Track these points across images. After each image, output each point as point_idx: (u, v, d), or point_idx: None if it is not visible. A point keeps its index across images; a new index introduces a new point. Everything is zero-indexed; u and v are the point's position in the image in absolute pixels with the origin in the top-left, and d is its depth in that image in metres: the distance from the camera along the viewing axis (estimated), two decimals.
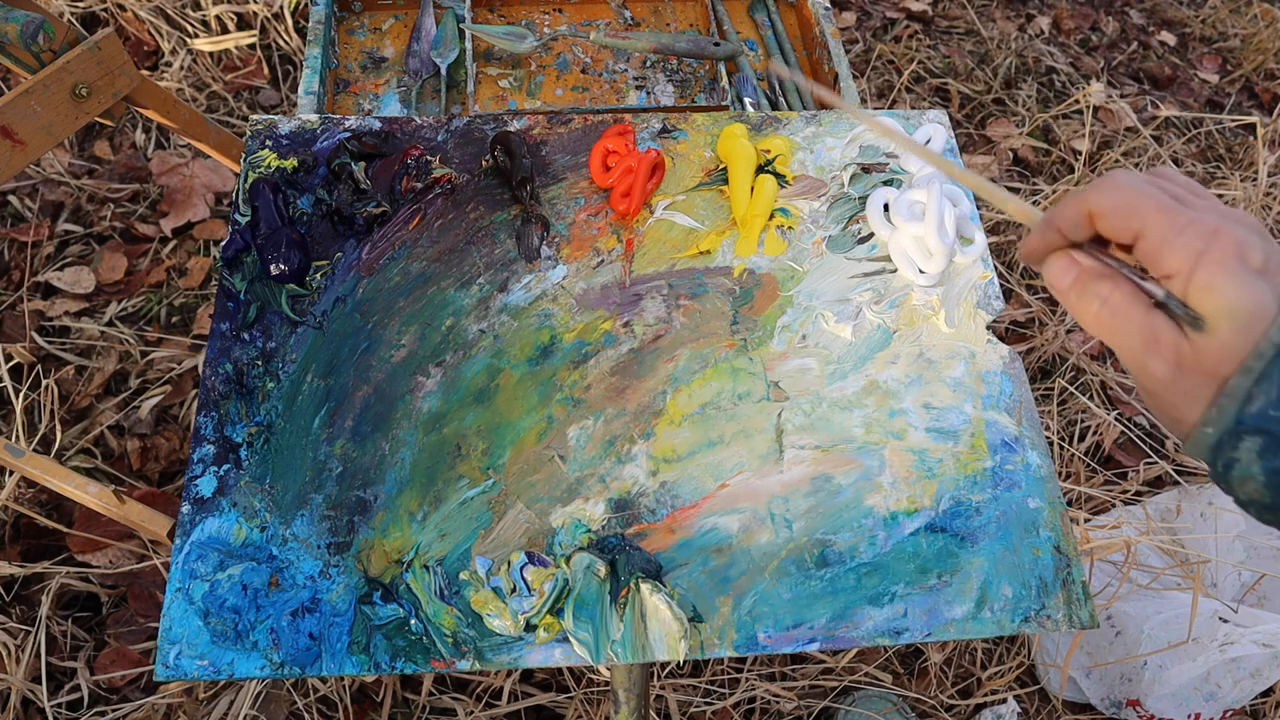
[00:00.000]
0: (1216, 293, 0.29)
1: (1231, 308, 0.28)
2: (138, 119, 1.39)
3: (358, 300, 0.63)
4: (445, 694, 0.95)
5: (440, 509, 0.56)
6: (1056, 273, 0.34)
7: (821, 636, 0.54)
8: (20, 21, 0.65)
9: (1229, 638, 0.92)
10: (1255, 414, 0.28)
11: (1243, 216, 0.31)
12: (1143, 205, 0.31)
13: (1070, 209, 0.33)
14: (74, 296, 1.20)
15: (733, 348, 0.63)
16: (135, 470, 1.07)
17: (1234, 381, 0.28)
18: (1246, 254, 0.29)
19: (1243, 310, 0.28)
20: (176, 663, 0.51)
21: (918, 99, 1.63)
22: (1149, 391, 0.32)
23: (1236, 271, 0.28)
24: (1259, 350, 0.28)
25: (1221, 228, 0.29)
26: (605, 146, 0.69)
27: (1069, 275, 0.34)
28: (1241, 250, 0.29)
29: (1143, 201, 0.31)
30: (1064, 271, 0.34)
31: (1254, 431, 0.28)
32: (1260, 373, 0.28)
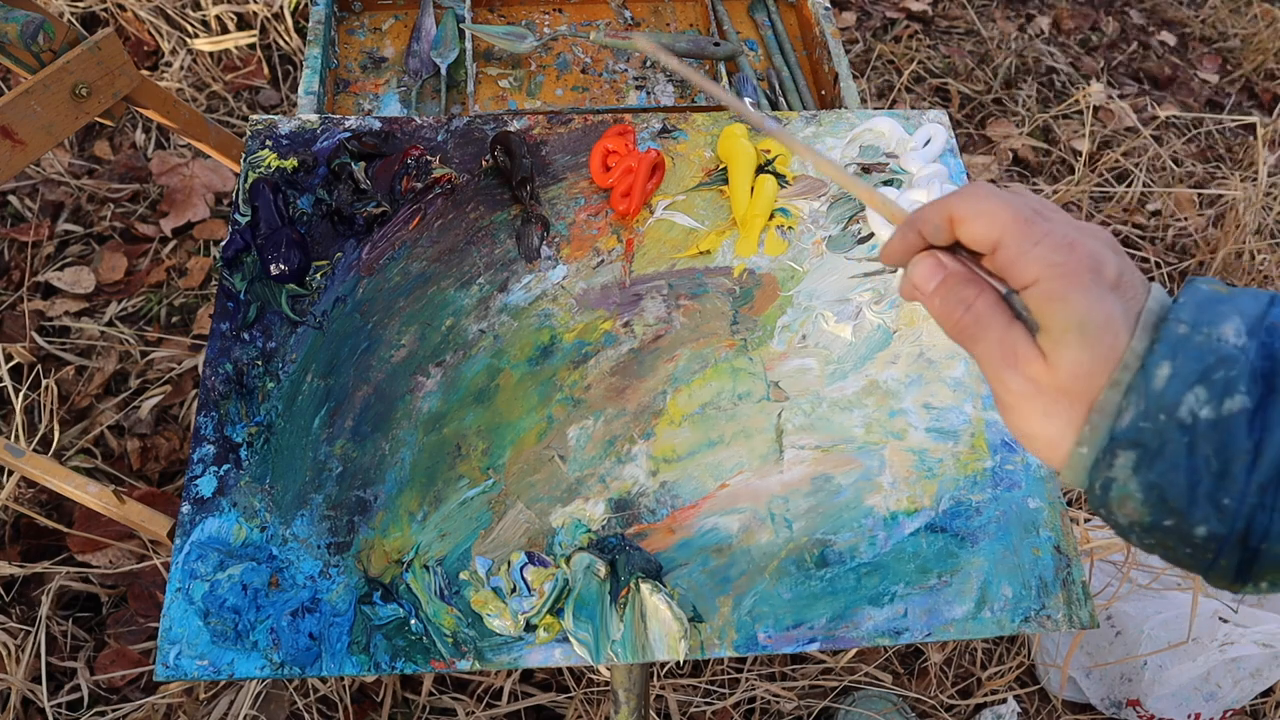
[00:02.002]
0: (1068, 305, 0.29)
1: (1082, 321, 0.28)
2: (138, 119, 1.39)
3: (358, 300, 0.63)
4: (445, 694, 0.95)
5: (440, 509, 0.56)
6: (923, 274, 0.34)
7: (821, 636, 0.54)
8: (20, 21, 0.65)
9: (1229, 638, 0.92)
10: (1127, 427, 0.28)
11: (1098, 231, 0.31)
12: (1002, 215, 0.31)
13: (933, 213, 0.33)
14: (74, 296, 1.20)
15: (733, 348, 0.63)
16: (135, 470, 1.07)
17: (1104, 396, 0.28)
18: (1101, 268, 0.29)
19: (1092, 324, 0.28)
20: (176, 663, 0.51)
21: (918, 99, 1.63)
22: (1005, 405, 0.31)
23: (1089, 285, 0.29)
24: (1124, 362, 0.28)
25: (1077, 241, 0.29)
26: (605, 146, 0.69)
27: (935, 278, 0.33)
28: (1096, 264, 0.29)
29: (1002, 211, 0.31)
30: (930, 274, 0.33)
31: (1128, 445, 0.28)
32: (1127, 385, 0.28)
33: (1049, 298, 0.29)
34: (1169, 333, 0.28)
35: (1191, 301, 0.28)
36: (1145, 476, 0.27)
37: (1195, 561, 0.28)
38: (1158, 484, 0.27)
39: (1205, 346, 0.27)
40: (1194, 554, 0.28)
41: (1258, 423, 0.26)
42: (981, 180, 0.33)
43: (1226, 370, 0.27)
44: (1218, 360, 0.27)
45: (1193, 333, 0.27)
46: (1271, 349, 0.27)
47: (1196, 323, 0.28)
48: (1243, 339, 0.27)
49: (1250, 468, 0.26)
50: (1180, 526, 0.27)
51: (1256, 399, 0.26)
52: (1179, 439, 0.27)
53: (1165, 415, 0.27)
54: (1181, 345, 0.27)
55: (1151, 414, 0.27)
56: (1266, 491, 0.26)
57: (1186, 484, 0.27)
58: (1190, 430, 0.27)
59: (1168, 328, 0.28)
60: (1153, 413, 0.27)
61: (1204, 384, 0.27)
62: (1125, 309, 0.29)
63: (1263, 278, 1.39)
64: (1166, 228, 1.48)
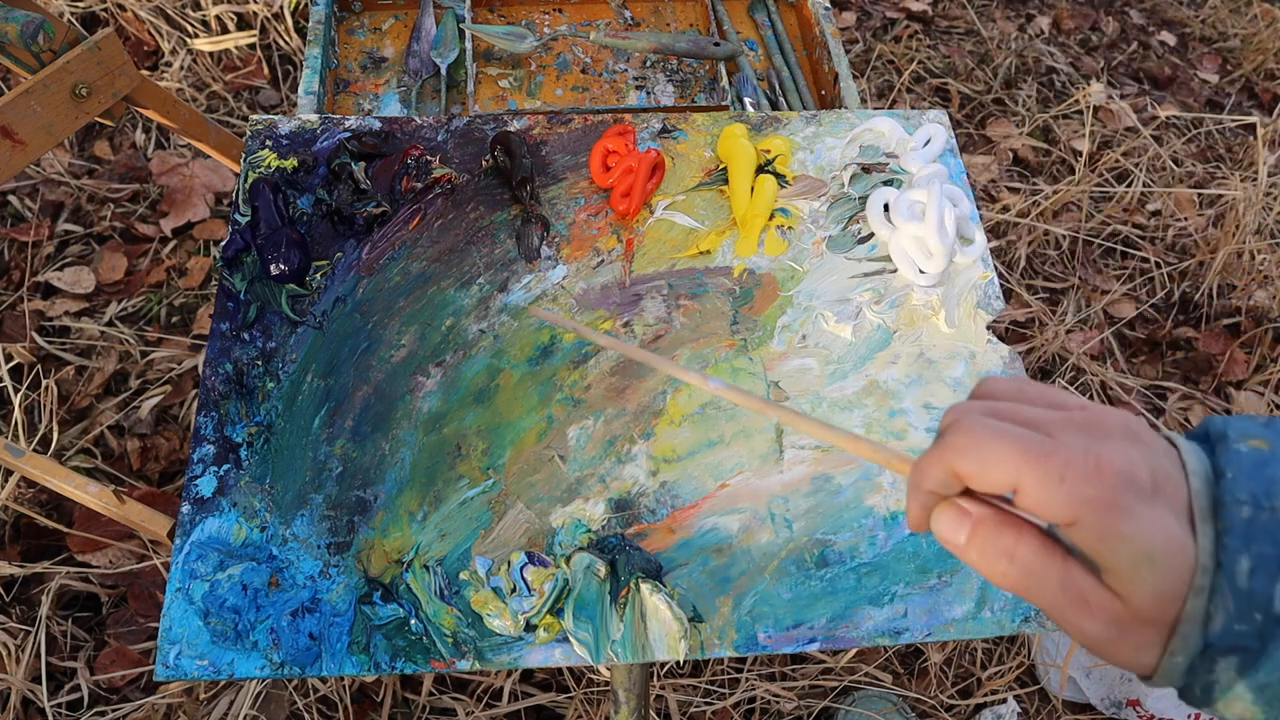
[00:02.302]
0: (1126, 542, 0.26)
1: (1148, 553, 0.26)
2: (138, 119, 1.39)
3: (358, 300, 0.63)
4: (445, 694, 0.95)
5: (440, 509, 0.56)
6: (948, 529, 0.30)
7: (821, 636, 0.54)
8: (20, 21, 0.65)
9: None
10: (1220, 632, 0.26)
11: (1112, 423, 0.28)
12: (1008, 457, 0.27)
13: (934, 468, 0.29)
14: (74, 296, 1.20)
15: (733, 348, 0.63)
16: (135, 470, 1.07)
17: (1190, 605, 0.26)
18: (1135, 481, 0.26)
19: (1159, 551, 0.26)
20: (176, 663, 0.51)
21: (918, 99, 1.63)
22: (1091, 648, 0.29)
23: (1133, 509, 0.26)
24: (1201, 565, 0.26)
25: (1102, 460, 0.26)
26: (605, 146, 0.69)
27: (962, 531, 0.29)
28: (1130, 481, 0.26)
29: (1007, 451, 0.27)
30: (956, 527, 0.30)
31: (1227, 651, 0.26)
32: (1210, 588, 0.26)
33: (1101, 538, 0.26)
34: (1234, 520, 0.26)
35: (1239, 472, 0.26)
36: (1254, 679, 0.26)
37: None
38: (1270, 684, 0.26)
39: (1275, 524, 0.25)
40: None
41: None
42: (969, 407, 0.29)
43: None
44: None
45: (1257, 513, 0.26)
46: None
47: (1256, 499, 0.26)
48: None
49: None
50: None
51: None
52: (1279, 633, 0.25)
53: (1260, 613, 0.25)
54: (1252, 531, 0.26)
55: (1245, 614, 0.25)
56: None
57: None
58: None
59: (1229, 514, 0.26)
60: (1246, 612, 0.25)
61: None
62: (1176, 512, 0.27)
63: (1263, 278, 1.39)
64: (1166, 228, 1.48)
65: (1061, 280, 1.40)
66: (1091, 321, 1.34)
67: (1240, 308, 1.38)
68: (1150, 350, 1.35)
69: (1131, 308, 1.37)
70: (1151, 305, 1.38)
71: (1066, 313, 1.34)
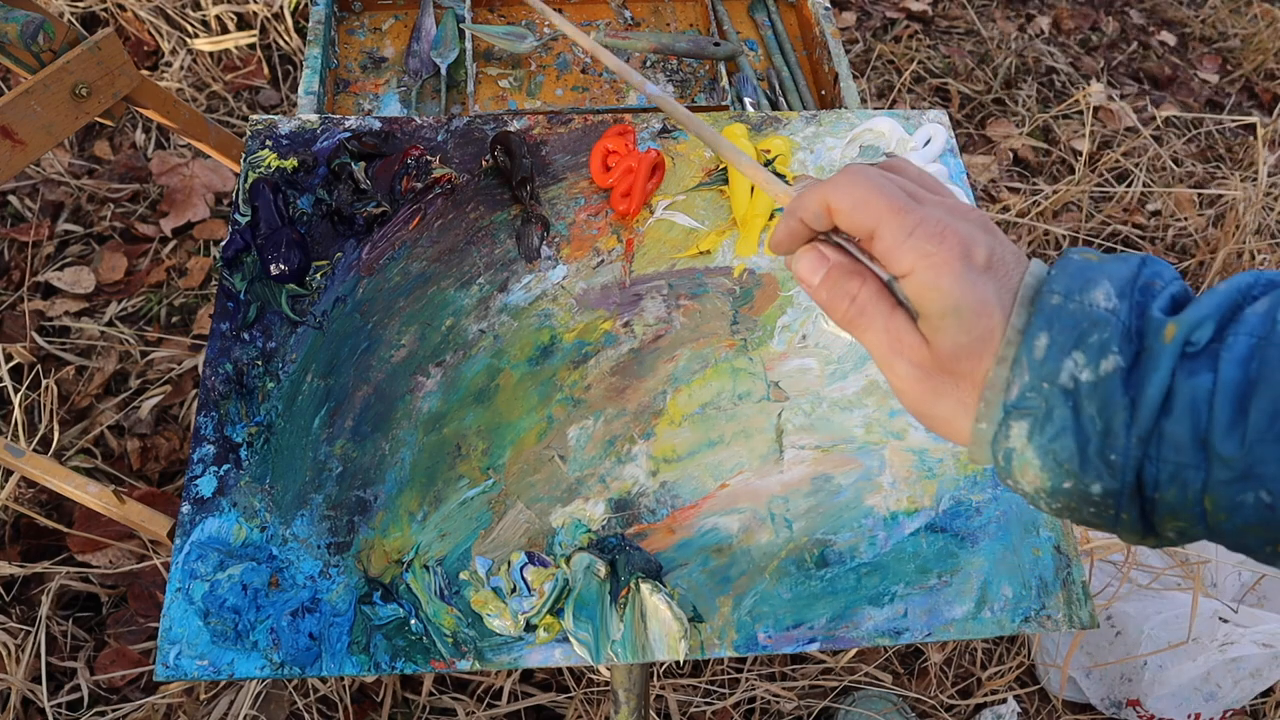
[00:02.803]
0: (941, 292, 0.30)
1: (957, 306, 0.30)
2: (138, 119, 1.39)
3: (358, 300, 0.63)
4: (445, 694, 0.95)
5: (440, 509, 0.56)
6: (806, 268, 0.35)
7: (821, 636, 0.54)
8: (20, 21, 0.65)
9: (1229, 638, 0.92)
10: (1016, 399, 0.29)
11: (970, 212, 0.32)
12: (877, 203, 0.31)
13: (811, 201, 0.33)
14: (74, 296, 1.20)
15: (733, 348, 0.63)
16: (135, 470, 1.07)
17: (993, 373, 0.30)
18: (971, 252, 0.30)
19: (966, 308, 0.29)
20: (176, 663, 0.51)
21: (918, 99, 1.63)
22: (899, 390, 0.33)
23: (960, 271, 0.30)
24: (1006, 339, 0.29)
25: (949, 228, 0.30)
26: (605, 146, 0.69)
27: (819, 271, 0.34)
28: (966, 249, 0.30)
29: (877, 199, 0.31)
30: (813, 268, 0.34)
31: (1019, 416, 0.29)
32: (1012, 359, 0.29)
33: (924, 286, 0.30)
34: (1044, 304, 0.29)
35: (1064, 272, 0.30)
36: (1039, 442, 0.29)
37: (1101, 519, 0.29)
38: (1051, 448, 0.28)
39: (1079, 313, 0.28)
40: (1098, 512, 0.29)
41: (1133, 380, 0.27)
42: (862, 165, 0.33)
43: (1100, 333, 0.28)
44: (1091, 324, 0.28)
45: (1066, 301, 0.29)
46: (1144, 307, 0.28)
47: (1069, 291, 0.29)
48: (1113, 301, 0.28)
49: (1129, 423, 0.27)
50: (1078, 487, 0.28)
51: (1130, 357, 0.28)
52: (1064, 403, 0.28)
53: (1048, 383, 0.28)
54: (1056, 315, 0.29)
55: (1036, 383, 0.29)
56: (1148, 443, 0.27)
57: (1076, 446, 0.28)
58: (1073, 394, 0.28)
59: (1042, 300, 0.29)
60: (1037, 382, 0.29)
61: (1080, 349, 0.28)
62: (999, 288, 0.30)
63: None
64: (1166, 228, 1.48)
65: None
66: None
67: None
68: None
69: None
70: None
71: None
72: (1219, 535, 0.27)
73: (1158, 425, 0.27)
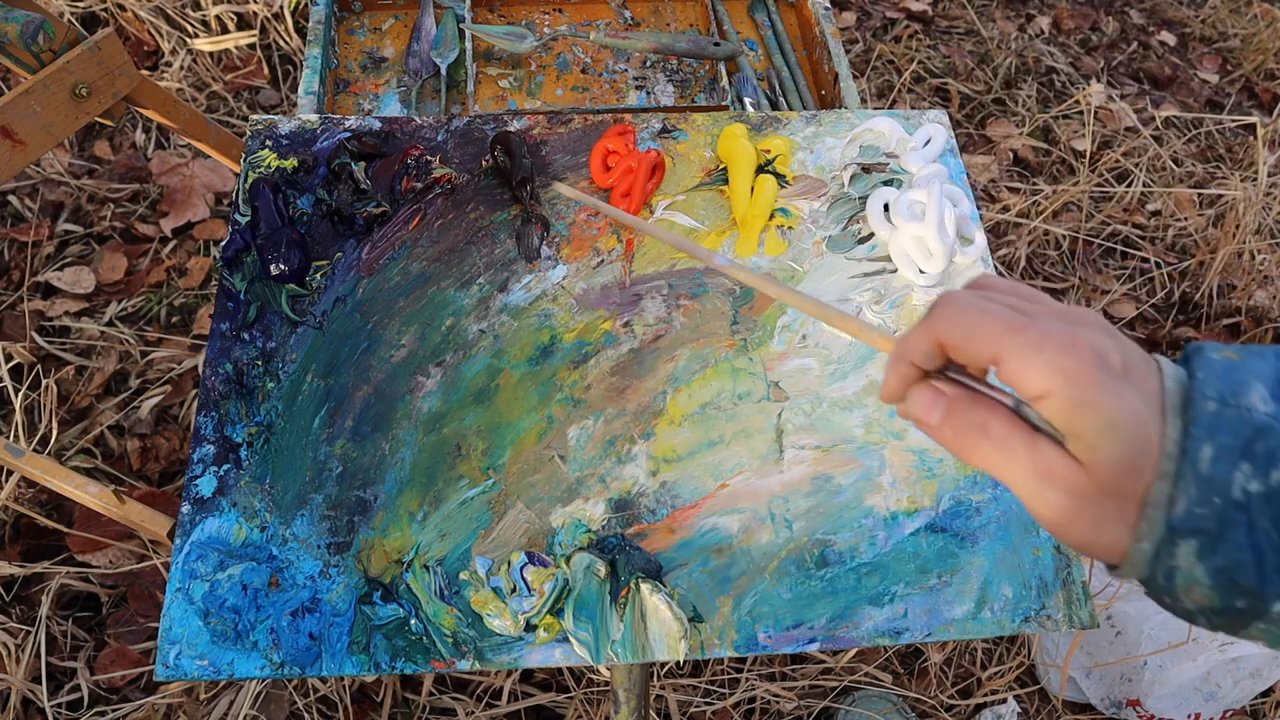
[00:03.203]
0: (1094, 410, 0.28)
1: (1114, 422, 0.28)
2: (138, 119, 1.39)
3: (358, 300, 0.63)
4: (445, 694, 0.95)
5: (440, 509, 0.56)
6: (923, 408, 0.32)
7: (821, 636, 0.54)
8: (20, 21, 0.65)
9: (1229, 638, 0.92)
10: (1183, 515, 0.27)
11: (1088, 317, 0.30)
12: (991, 328, 0.29)
13: (919, 340, 0.31)
14: (74, 296, 1.20)
15: (733, 348, 0.63)
16: (135, 470, 1.07)
17: (1154, 489, 0.28)
18: (1108, 360, 0.28)
19: (1123, 423, 0.28)
20: (176, 663, 0.51)
21: (918, 99, 1.63)
22: (1053, 523, 0.30)
23: (1105, 384, 0.28)
24: (1166, 452, 0.28)
25: (1078, 338, 0.28)
26: (605, 146, 0.69)
27: (937, 410, 0.32)
28: (1102, 359, 0.28)
29: (990, 324, 0.29)
30: (931, 406, 0.32)
31: (1188, 534, 0.27)
32: (1174, 473, 0.28)
33: (1071, 405, 0.28)
34: (1200, 413, 0.28)
35: (1211, 375, 0.28)
36: (1211, 562, 0.27)
37: (1271, 637, 0.28)
38: (1225, 567, 0.27)
39: (1238, 419, 0.27)
40: (1269, 629, 0.28)
41: None
42: (954, 291, 0.32)
43: (1265, 441, 0.27)
44: (1254, 432, 0.27)
45: (1222, 408, 0.27)
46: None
47: (1222, 397, 0.28)
48: (1270, 405, 0.27)
49: None
50: (1254, 606, 0.27)
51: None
52: (1237, 519, 0.27)
53: (1220, 498, 0.27)
54: (1216, 423, 0.27)
55: (1205, 498, 0.27)
56: None
57: (1254, 563, 0.27)
58: (1246, 508, 0.26)
59: (1197, 408, 0.28)
60: (1206, 497, 0.27)
61: (1248, 459, 0.27)
62: (1145, 398, 0.28)
63: (1263, 277, 1.39)
64: (1166, 228, 1.49)
65: (1061, 280, 1.40)
66: None
67: (1240, 308, 1.38)
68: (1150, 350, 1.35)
69: (1132, 308, 1.37)
70: (1151, 305, 1.38)
71: None
72: None
73: None
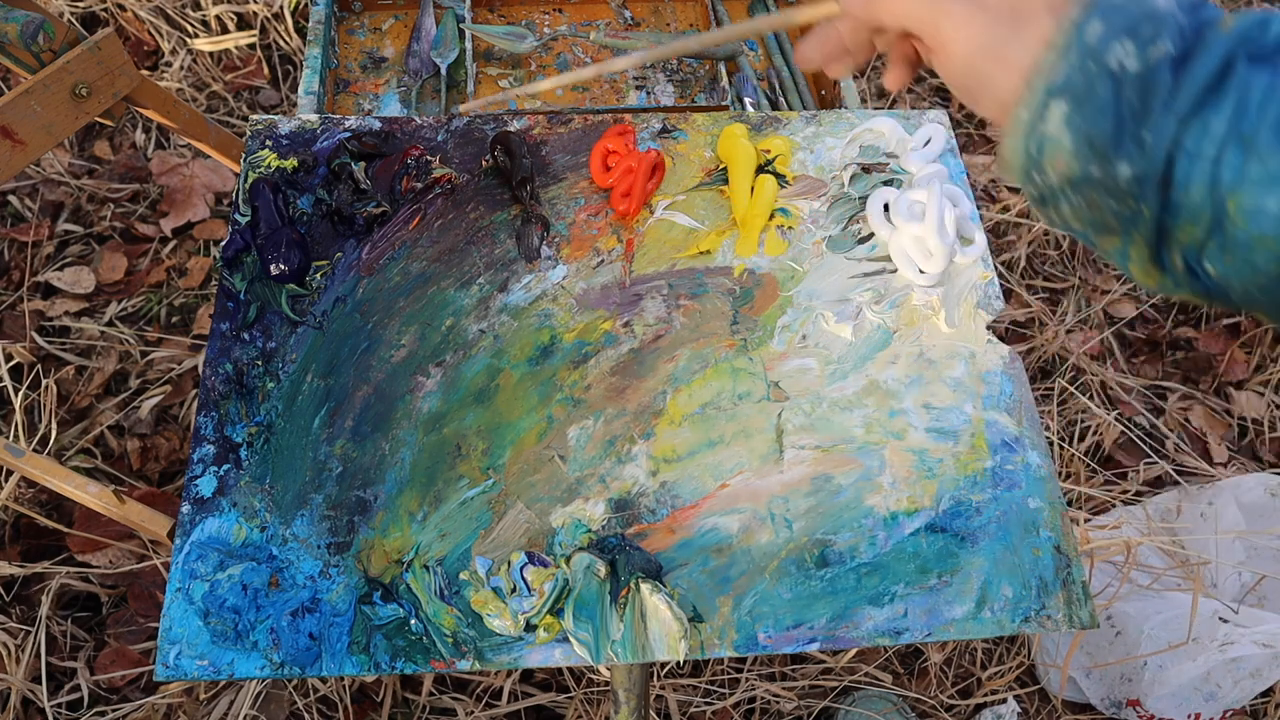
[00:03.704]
0: None
1: None
2: (138, 119, 1.39)
3: (358, 300, 0.63)
4: (445, 694, 0.95)
5: (440, 509, 0.56)
6: None
7: (821, 636, 0.54)
8: (20, 21, 0.65)
9: (1229, 638, 0.92)
10: (1061, 81, 0.29)
11: None
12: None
13: None
14: (74, 296, 1.20)
15: (733, 348, 0.63)
16: (135, 470, 1.07)
17: (1043, 60, 0.30)
18: None
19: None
20: (176, 663, 0.51)
21: (918, 99, 1.63)
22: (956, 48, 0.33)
23: None
24: (1060, 28, 0.30)
25: None
26: (605, 146, 0.69)
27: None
28: None
29: None
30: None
31: (1060, 94, 0.29)
32: (1063, 46, 0.30)
33: None
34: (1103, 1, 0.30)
35: None
36: (1075, 124, 0.29)
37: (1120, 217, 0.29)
38: (1086, 129, 0.29)
39: (1134, 8, 0.29)
40: (1119, 206, 0.29)
41: (1181, 69, 0.27)
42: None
43: (1154, 24, 0.28)
44: (1145, 15, 0.28)
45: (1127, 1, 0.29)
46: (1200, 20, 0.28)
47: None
48: (1173, 7, 0.29)
49: (1169, 102, 0.27)
50: (1107, 172, 0.29)
51: (1181, 50, 0.28)
52: (1107, 84, 0.28)
53: (1095, 64, 0.29)
54: (1114, 8, 0.29)
55: (1083, 65, 0.29)
56: (1186, 128, 0.27)
57: (1113, 129, 0.28)
58: (1118, 79, 0.28)
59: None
60: (1083, 62, 0.29)
61: (1132, 37, 0.28)
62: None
63: None
64: None
65: (1061, 280, 1.40)
66: (1091, 321, 1.34)
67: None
68: (1150, 350, 1.35)
69: (1132, 307, 1.37)
70: (1151, 305, 1.38)
71: (1066, 313, 1.34)
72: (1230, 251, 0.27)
73: (1200, 113, 0.27)
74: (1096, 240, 0.31)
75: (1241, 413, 1.26)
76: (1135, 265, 0.30)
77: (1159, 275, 0.30)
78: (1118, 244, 0.30)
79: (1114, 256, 0.31)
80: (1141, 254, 0.30)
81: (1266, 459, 1.23)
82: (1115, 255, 0.31)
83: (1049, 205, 0.32)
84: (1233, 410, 1.27)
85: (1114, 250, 0.31)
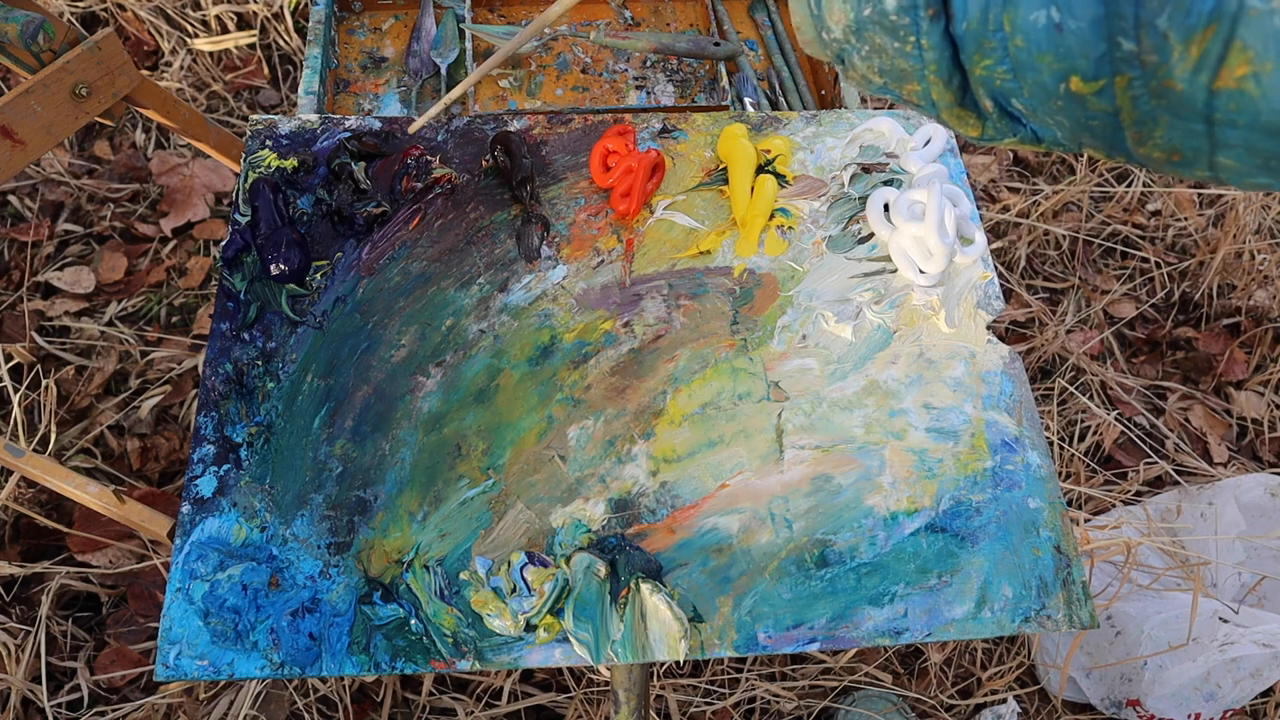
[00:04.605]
0: None
1: None
2: (138, 119, 1.39)
3: (358, 300, 0.63)
4: (445, 694, 0.95)
5: (440, 509, 0.56)
6: None
7: (821, 636, 0.54)
8: (20, 21, 0.65)
9: (1229, 638, 0.92)
10: None
11: None
12: None
13: None
14: (74, 296, 1.20)
15: (733, 348, 0.63)
16: (135, 470, 1.07)
17: None
18: None
19: None
20: (176, 663, 0.51)
21: None
22: None
23: None
24: None
25: None
26: (605, 146, 0.69)
27: None
28: None
29: None
30: None
31: None
32: None
33: None
34: None
35: None
36: None
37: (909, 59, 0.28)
38: None
39: None
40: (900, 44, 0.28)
41: None
42: None
43: None
44: None
45: None
46: None
47: None
48: None
49: None
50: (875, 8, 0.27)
51: None
52: None
53: None
54: None
55: None
56: None
57: None
58: None
59: None
60: None
61: None
62: None
63: (1263, 278, 1.39)
64: (1166, 228, 1.48)
65: (1061, 280, 1.40)
66: (1091, 321, 1.34)
67: (1240, 307, 1.38)
68: (1150, 350, 1.35)
69: (1131, 307, 1.37)
70: (1151, 305, 1.38)
71: (1066, 313, 1.34)
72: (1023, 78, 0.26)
73: None
74: (900, 91, 0.30)
75: (1241, 413, 1.26)
76: (946, 113, 0.29)
77: (976, 121, 0.29)
78: (918, 89, 0.29)
79: (923, 107, 0.30)
80: (944, 97, 0.28)
81: (1266, 459, 1.23)
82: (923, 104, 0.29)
83: (846, 64, 0.30)
84: (1233, 410, 1.27)
85: (918, 96, 0.29)
